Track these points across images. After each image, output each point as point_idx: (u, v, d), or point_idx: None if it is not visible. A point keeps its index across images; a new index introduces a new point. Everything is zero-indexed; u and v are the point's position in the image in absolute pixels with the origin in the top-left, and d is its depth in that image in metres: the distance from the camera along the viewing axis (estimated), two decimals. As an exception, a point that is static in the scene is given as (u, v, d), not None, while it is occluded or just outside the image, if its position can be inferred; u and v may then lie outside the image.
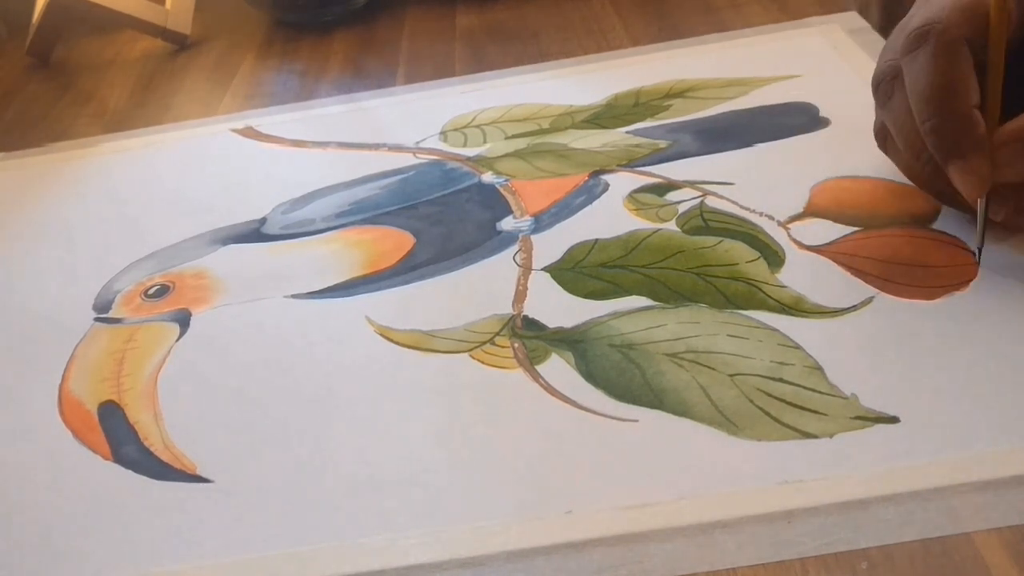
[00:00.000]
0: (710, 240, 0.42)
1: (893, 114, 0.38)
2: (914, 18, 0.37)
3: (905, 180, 0.42)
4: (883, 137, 0.41)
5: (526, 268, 0.43)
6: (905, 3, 0.41)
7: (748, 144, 0.48)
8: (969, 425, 0.31)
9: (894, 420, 0.32)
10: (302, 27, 0.76)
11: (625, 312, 0.39)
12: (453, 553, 0.30)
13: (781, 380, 0.34)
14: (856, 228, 0.41)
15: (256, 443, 0.36)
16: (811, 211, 0.42)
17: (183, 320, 0.44)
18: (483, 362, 0.38)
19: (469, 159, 0.52)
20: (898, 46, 0.37)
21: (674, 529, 0.30)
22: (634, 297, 0.39)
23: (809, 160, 0.46)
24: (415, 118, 0.58)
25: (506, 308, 0.40)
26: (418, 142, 0.55)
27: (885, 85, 0.38)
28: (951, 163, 0.36)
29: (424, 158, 0.53)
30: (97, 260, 0.49)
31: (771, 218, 0.43)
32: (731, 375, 0.35)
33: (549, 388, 0.36)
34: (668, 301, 0.39)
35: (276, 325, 0.42)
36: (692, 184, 0.46)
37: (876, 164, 0.44)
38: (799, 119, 0.49)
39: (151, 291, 0.46)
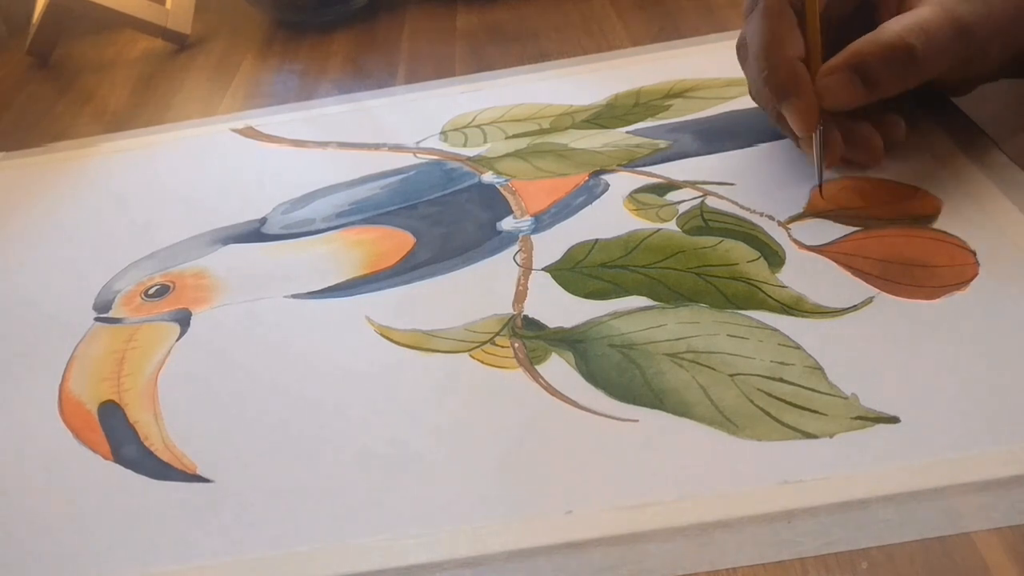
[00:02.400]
0: (710, 240, 0.42)
1: (748, 73, 0.45)
2: None
3: (905, 180, 0.42)
4: (755, 97, 0.46)
5: (526, 268, 0.43)
6: None
7: (748, 144, 0.48)
8: (969, 425, 0.31)
9: (894, 420, 0.32)
10: (302, 27, 0.76)
11: (625, 312, 0.39)
12: (453, 553, 0.30)
13: (781, 380, 0.34)
14: (856, 228, 0.41)
15: (256, 443, 0.36)
16: (811, 211, 0.42)
17: (183, 320, 0.44)
18: (483, 362, 0.38)
19: (469, 159, 0.52)
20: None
21: (674, 529, 0.30)
22: (634, 297, 0.39)
23: (809, 160, 0.46)
24: (415, 118, 0.58)
25: (506, 308, 0.40)
26: (418, 142, 0.55)
27: (742, 48, 0.45)
28: (783, 105, 0.42)
29: (424, 158, 0.53)
30: (97, 260, 0.49)
31: (771, 218, 0.43)
32: (731, 375, 0.35)
33: (549, 388, 0.36)
34: (668, 301, 0.39)
35: (276, 325, 0.42)
36: (692, 184, 0.46)
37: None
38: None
39: (151, 291, 0.46)
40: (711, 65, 0.57)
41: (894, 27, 0.40)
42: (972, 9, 0.40)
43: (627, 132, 0.52)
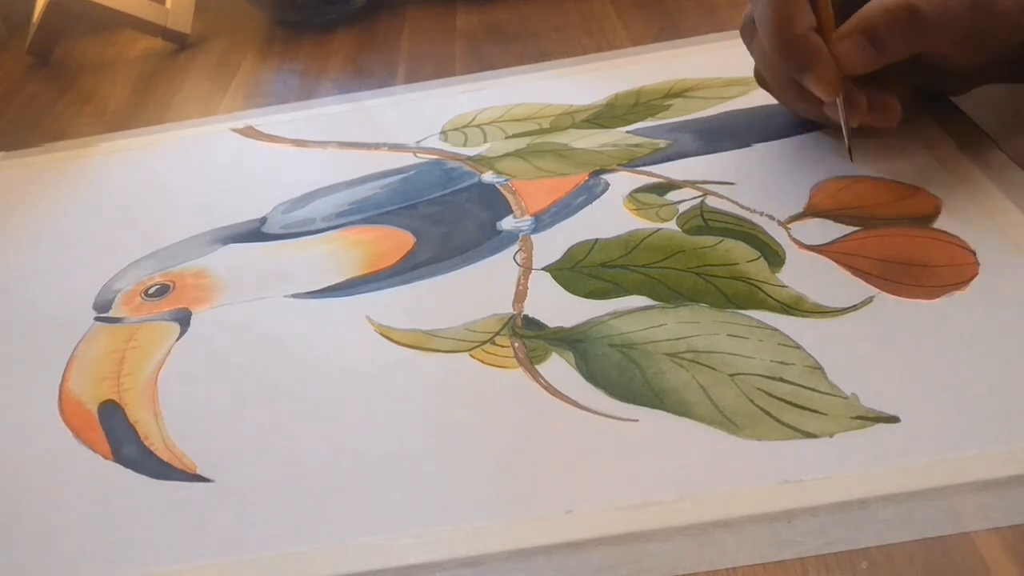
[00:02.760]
0: (710, 240, 0.42)
1: (758, 55, 0.45)
2: None
3: (905, 180, 0.42)
4: (760, 78, 0.47)
5: (526, 268, 0.43)
6: None
7: (748, 144, 0.48)
8: (969, 425, 0.31)
9: (894, 420, 0.32)
10: (302, 26, 0.76)
11: (625, 312, 0.39)
12: (453, 553, 0.30)
13: (781, 380, 0.34)
14: (856, 228, 0.41)
15: (256, 442, 0.36)
16: (811, 211, 0.42)
17: (183, 319, 0.44)
18: (483, 362, 0.38)
19: (469, 159, 0.52)
20: None
21: (674, 529, 0.30)
22: (634, 297, 0.39)
23: (809, 160, 0.46)
24: (415, 118, 0.58)
25: (506, 308, 0.40)
26: (418, 142, 0.55)
27: (747, 32, 0.45)
28: (804, 76, 0.42)
29: (424, 158, 0.53)
30: (97, 259, 0.49)
31: (771, 218, 0.43)
32: (731, 375, 0.35)
33: (549, 388, 0.36)
34: (668, 301, 0.39)
35: (276, 324, 0.42)
36: (692, 184, 0.46)
37: (876, 164, 0.44)
38: (799, 119, 0.48)
39: (151, 290, 0.46)
40: (711, 65, 0.57)
41: None
42: None
43: (627, 132, 0.52)
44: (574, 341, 0.38)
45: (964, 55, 0.42)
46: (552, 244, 0.44)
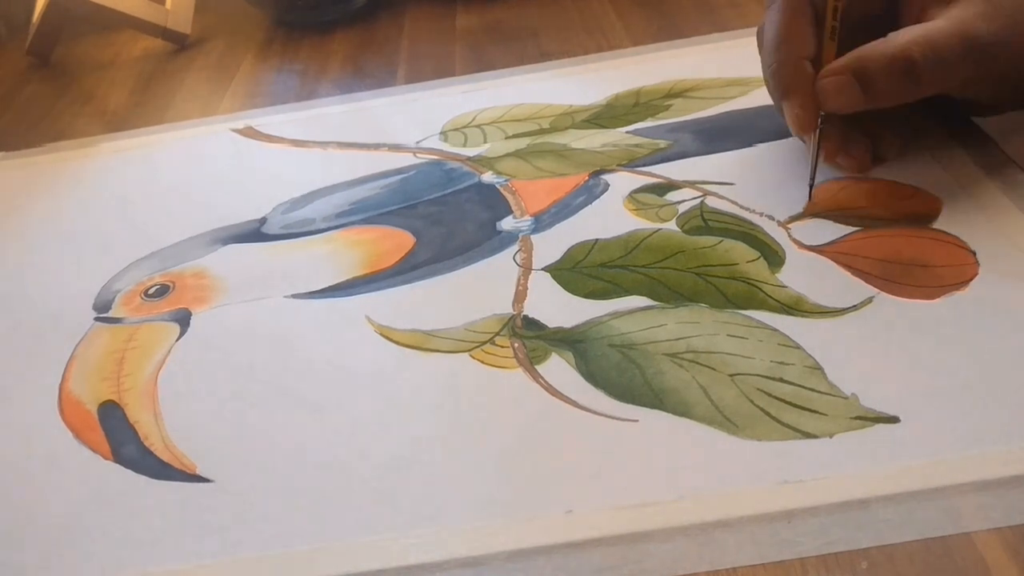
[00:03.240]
0: (710, 240, 0.42)
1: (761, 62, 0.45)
2: None
3: (905, 180, 0.42)
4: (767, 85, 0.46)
5: (526, 268, 0.43)
6: None
7: (748, 144, 0.48)
8: (969, 425, 0.31)
9: (894, 420, 0.32)
10: (302, 27, 0.76)
11: (625, 312, 0.39)
12: (453, 553, 0.30)
13: (781, 380, 0.34)
14: (856, 228, 0.41)
15: (256, 443, 0.36)
16: (811, 211, 0.42)
17: (183, 320, 0.44)
18: (483, 362, 0.38)
19: (469, 159, 0.52)
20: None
21: (674, 529, 0.30)
22: (634, 297, 0.39)
23: (809, 160, 0.46)
24: (415, 118, 0.58)
25: (506, 308, 0.40)
26: (418, 142, 0.55)
27: (760, 36, 0.45)
28: (783, 102, 0.42)
29: (424, 158, 0.53)
30: (97, 260, 0.49)
31: (771, 218, 0.43)
32: (731, 375, 0.35)
33: (549, 388, 0.36)
34: (668, 301, 0.39)
35: (276, 325, 0.42)
36: (692, 184, 0.46)
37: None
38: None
39: (151, 291, 0.46)
40: (711, 65, 0.57)
41: (902, 37, 0.39)
42: (992, 29, 0.39)
43: (627, 132, 0.52)
44: (574, 341, 0.38)
45: (979, 93, 0.42)
46: (552, 244, 0.44)
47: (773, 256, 0.40)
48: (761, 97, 0.51)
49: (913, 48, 0.39)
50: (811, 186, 0.43)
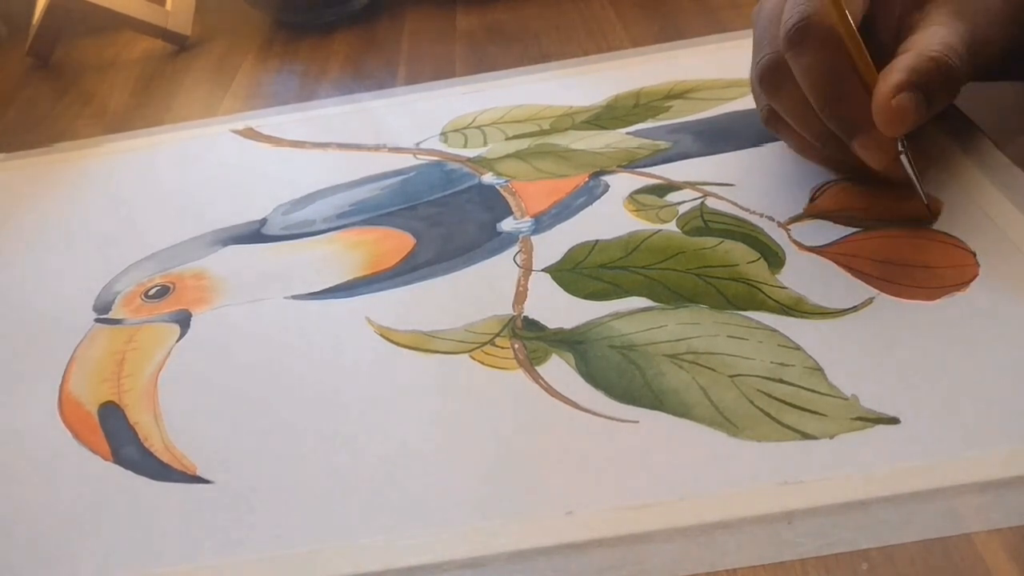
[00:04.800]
0: (710, 241, 0.42)
1: (787, 103, 0.41)
2: (788, 12, 0.40)
3: (905, 180, 0.42)
4: (773, 120, 0.44)
5: (526, 269, 0.43)
6: None
7: (748, 145, 0.48)
8: (969, 426, 0.31)
9: (894, 421, 0.32)
10: (302, 28, 0.76)
11: (625, 313, 0.39)
12: (453, 554, 0.30)
13: (781, 381, 0.34)
14: (856, 229, 0.41)
15: (256, 444, 0.36)
16: (811, 212, 0.42)
17: (183, 321, 0.44)
18: (483, 363, 0.38)
19: (469, 160, 0.52)
20: (777, 40, 0.40)
21: (674, 530, 0.30)
22: (634, 298, 0.39)
23: (809, 161, 0.46)
24: (415, 119, 0.58)
25: (506, 309, 0.40)
26: (418, 143, 0.55)
27: (772, 77, 0.41)
28: (854, 140, 0.39)
29: (424, 159, 0.53)
30: (97, 261, 0.49)
31: (771, 219, 0.43)
32: (731, 376, 0.35)
33: (549, 389, 0.36)
34: (668, 302, 0.39)
35: (276, 326, 0.42)
36: (692, 185, 0.46)
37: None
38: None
39: (151, 292, 0.46)
40: (711, 66, 0.57)
41: (933, 47, 0.38)
42: (971, 27, 0.39)
43: (627, 133, 0.52)
44: (574, 342, 0.38)
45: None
46: (552, 245, 0.44)
47: (773, 257, 0.40)
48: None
49: (951, 54, 0.38)
50: (926, 198, 0.40)
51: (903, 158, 0.40)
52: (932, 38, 0.39)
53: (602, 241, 0.43)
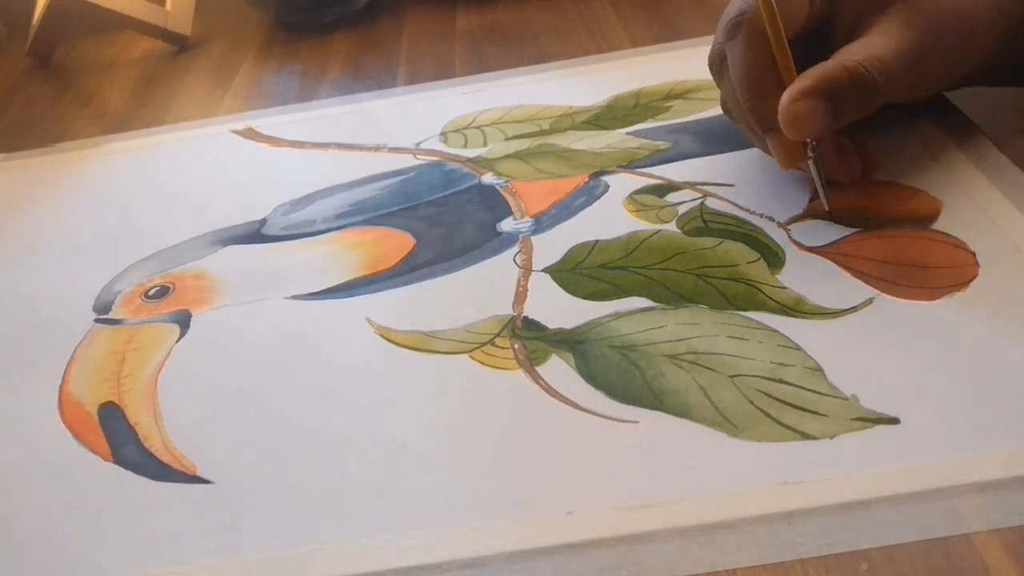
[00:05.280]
0: (710, 241, 0.42)
1: (725, 91, 0.44)
2: (731, 5, 0.42)
3: (905, 181, 0.43)
4: (725, 107, 0.46)
5: (526, 269, 0.43)
6: None
7: (748, 145, 0.48)
8: (969, 426, 0.31)
9: (894, 421, 0.32)
10: (302, 28, 0.76)
11: (625, 313, 0.39)
12: (453, 554, 0.30)
13: (781, 381, 0.34)
14: (856, 229, 0.41)
15: (256, 444, 0.36)
16: (811, 212, 0.42)
17: (183, 321, 0.44)
18: (483, 363, 0.38)
19: (469, 160, 0.52)
20: (720, 32, 0.42)
21: (674, 530, 0.30)
22: (634, 298, 0.39)
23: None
24: (415, 119, 0.58)
25: (506, 309, 0.40)
26: (418, 143, 0.55)
27: (716, 66, 0.44)
28: (767, 136, 0.41)
29: (424, 159, 0.53)
30: (97, 261, 0.49)
31: (771, 219, 0.43)
32: (731, 376, 0.35)
33: (549, 389, 0.36)
34: (668, 302, 0.39)
35: (276, 326, 0.42)
36: (692, 185, 0.46)
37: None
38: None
39: (151, 292, 0.46)
40: (711, 66, 0.57)
41: (853, 55, 0.39)
42: (915, 37, 0.40)
43: (627, 133, 0.52)
44: (574, 342, 0.38)
45: (901, 99, 0.42)
46: (552, 245, 0.44)
47: (773, 257, 0.40)
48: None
49: (870, 66, 0.39)
50: (827, 201, 0.41)
51: (810, 162, 0.41)
52: (860, 48, 0.40)
53: (602, 241, 0.43)
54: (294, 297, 0.44)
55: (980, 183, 0.42)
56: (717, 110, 0.52)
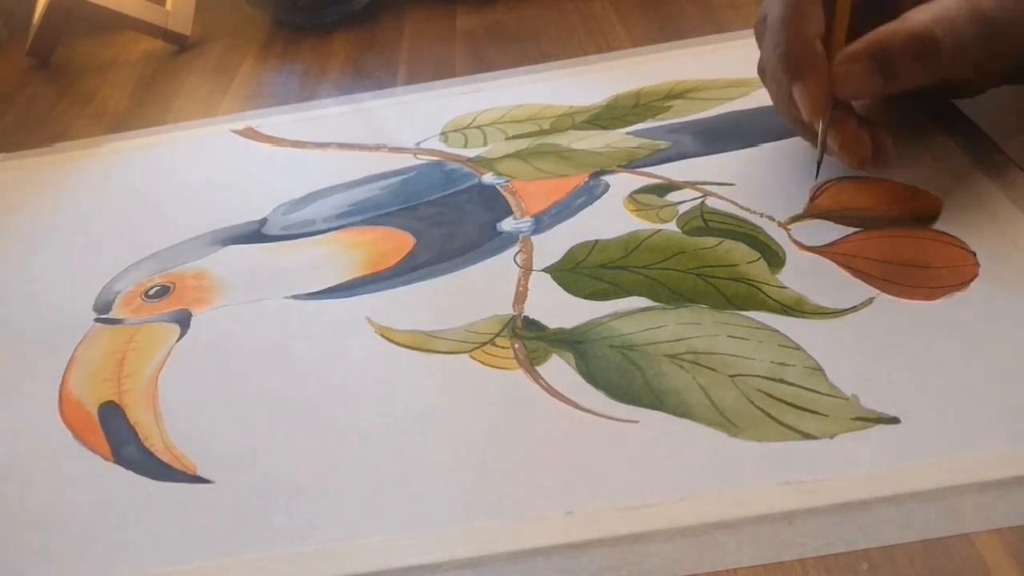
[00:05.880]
0: (710, 241, 0.42)
1: (764, 53, 0.43)
2: None
3: (905, 180, 0.43)
4: (762, 73, 0.45)
5: (526, 269, 0.43)
6: None
7: (749, 145, 0.48)
8: (969, 425, 0.31)
9: (895, 421, 0.32)
10: (302, 28, 0.76)
11: (625, 313, 0.39)
12: (453, 554, 0.30)
13: (781, 381, 0.34)
14: (856, 229, 0.41)
15: (256, 443, 0.36)
16: (811, 212, 0.42)
17: (183, 321, 0.44)
18: (483, 363, 0.38)
19: (470, 160, 0.52)
20: None
21: (675, 530, 0.30)
22: (634, 298, 0.39)
23: (809, 161, 0.46)
24: (415, 119, 0.58)
25: (506, 309, 0.40)
26: (419, 143, 0.55)
27: (759, 26, 0.43)
28: (794, 84, 0.40)
29: (424, 159, 0.53)
30: (97, 261, 0.49)
31: (771, 219, 0.43)
32: (731, 376, 0.35)
33: (549, 389, 0.36)
34: (668, 302, 0.39)
35: (276, 326, 0.42)
36: (693, 185, 0.46)
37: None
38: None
39: (151, 292, 0.46)
40: (711, 66, 0.57)
41: (919, 16, 0.38)
42: (997, 3, 0.38)
43: (627, 133, 0.52)
44: (574, 342, 0.38)
45: (972, 73, 0.41)
46: (552, 245, 0.44)
47: (773, 257, 0.40)
48: (761, 98, 0.51)
49: (935, 27, 0.37)
50: (818, 169, 0.42)
51: (821, 122, 0.40)
52: (931, 8, 0.38)
53: (602, 241, 0.43)
54: (294, 297, 0.44)
55: (980, 183, 0.42)
56: (717, 110, 0.52)
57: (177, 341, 0.43)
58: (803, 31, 0.40)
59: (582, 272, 0.42)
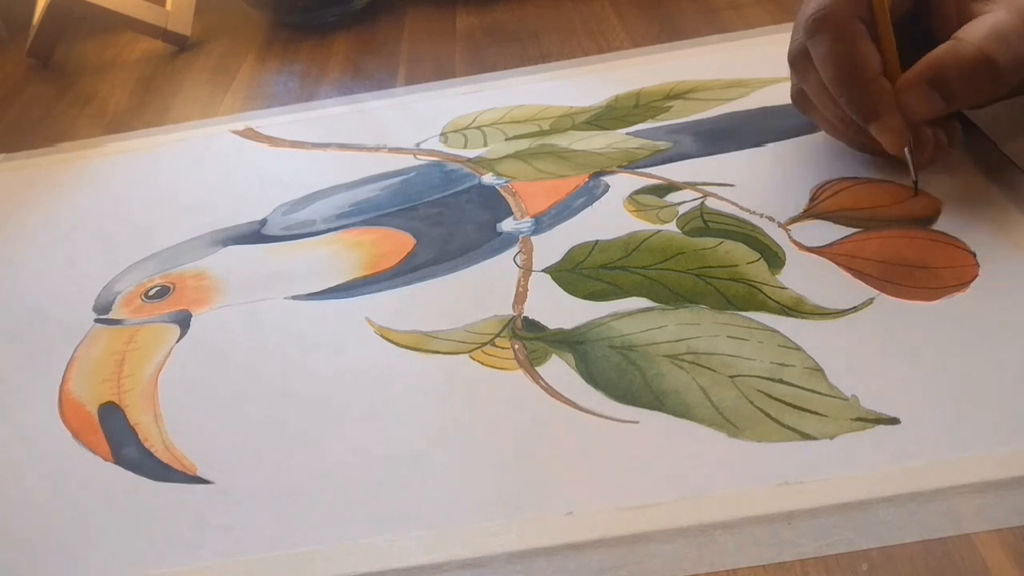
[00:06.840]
0: (710, 241, 0.42)
1: (813, 88, 0.43)
2: (809, 3, 0.41)
3: (905, 182, 0.42)
4: (802, 101, 0.45)
5: (526, 269, 0.43)
6: None
7: (749, 146, 0.48)
8: (969, 426, 0.31)
9: (894, 421, 0.32)
10: (302, 28, 0.76)
11: (625, 313, 0.39)
12: (453, 554, 0.30)
13: (781, 381, 0.34)
14: (856, 229, 0.41)
15: (256, 444, 0.36)
16: (811, 212, 0.42)
17: (183, 321, 0.44)
18: (483, 363, 0.38)
19: (469, 160, 0.52)
20: (800, 28, 0.42)
21: (674, 530, 0.30)
22: (634, 298, 0.39)
23: (809, 161, 0.46)
24: (415, 119, 0.58)
25: (506, 309, 0.40)
26: (418, 143, 0.55)
27: (800, 64, 0.43)
28: (871, 125, 0.40)
29: (424, 159, 0.53)
30: (97, 261, 0.49)
31: (771, 219, 0.43)
32: (731, 376, 0.35)
33: (549, 389, 0.36)
34: (668, 302, 0.39)
35: (276, 326, 0.42)
36: (692, 185, 0.46)
37: (876, 165, 0.44)
38: (800, 120, 0.48)
39: (151, 292, 0.46)
40: (711, 67, 0.57)
41: (972, 37, 0.38)
42: None
43: (627, 133, 0.52)
44: (574, 343, 0.38)
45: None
46: (552, 246, 0.44)
47: (773, 257, 0.40)
48: (761, 99, 0.51)
49: (989, 47, 0.38)
50: (915, 183, 0.42)
51: (905, 150, 0.41)
52: (982, 25, 0.38)
53: (602, 241, 0.43)
54: (294, 297, 0.44)
55: (980, 183, 0.42)
56: (717, 110, 0.52)
57: (177, 341, 0.43)
58: (865, 76, 0.40)
59: (582, 273, 0.42)
